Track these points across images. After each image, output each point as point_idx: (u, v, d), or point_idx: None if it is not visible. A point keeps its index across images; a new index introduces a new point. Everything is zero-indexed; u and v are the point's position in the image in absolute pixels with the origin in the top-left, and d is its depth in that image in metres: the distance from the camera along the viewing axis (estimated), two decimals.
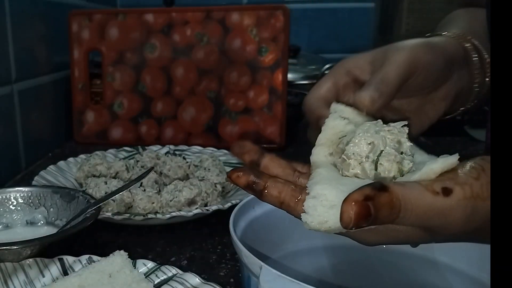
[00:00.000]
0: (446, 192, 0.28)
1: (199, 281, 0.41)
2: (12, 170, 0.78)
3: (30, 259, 0.45)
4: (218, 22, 0.95)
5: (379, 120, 0.34)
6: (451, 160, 0.29)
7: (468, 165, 0.29)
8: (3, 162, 0.75)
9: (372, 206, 0.26)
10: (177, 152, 0.81)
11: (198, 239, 0.58)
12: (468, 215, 0.28)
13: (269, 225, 0.47)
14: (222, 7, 0.97)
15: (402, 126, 0.33)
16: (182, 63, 0.96)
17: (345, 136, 0.35)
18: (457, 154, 0.29)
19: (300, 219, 0.31)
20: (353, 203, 0.26)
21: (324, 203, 0.30)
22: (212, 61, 0.95)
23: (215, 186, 0.65)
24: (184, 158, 0.77)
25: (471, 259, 0.45)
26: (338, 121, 0.36)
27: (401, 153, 0.32)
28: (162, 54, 0.96)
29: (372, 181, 0.29)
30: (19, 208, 0.55)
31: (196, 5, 1.04)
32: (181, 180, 0.66)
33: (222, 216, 0.56)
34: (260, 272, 0.34)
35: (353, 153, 0.32)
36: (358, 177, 0.32)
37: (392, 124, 0.33)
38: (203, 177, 0.68)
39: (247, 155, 0.36)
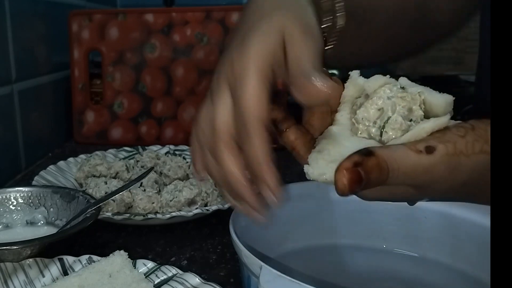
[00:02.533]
0: (429, 150, 0.29)
1: (199, 281, 0.41)
2: (12, 170, 0.78)
3: (30, 259, 0.45)
4: (218, 22, 0.95)
5: (398, 84, 0.33)
6: (441, 120, 0.30)
7: (458, 123, 0.31)
8: (3, 162, 0.75)
9: (362, 171, 0.28)
10: (177, 152, 0.81)
11: (198, 239, 0.58)
12: (451, 170, 0.29)
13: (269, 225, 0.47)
14: (222, 7, 0.97)
15: (417, 93, 0.32)
16: (182, 63, 0.96)
17: (360, 97, 0.35)
18: (448, 114, 0.31)
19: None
20: (344, 171, 0.28)
21: (326, 157, 0.32)
22: (212, 61, 0.95)
23: (215, 186, 0.65)
24: (184, 158, 0.77)
25: (471, 259, 0.45)
26: (360, 79, 0.35)
27: (410, 120, 0.32)
28: (162, 54, 0.96)
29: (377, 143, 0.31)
30: (19, 208, 0.55)
31: (196, 5, 1.04)
32: (181, 180, 0.66)
33: (222, 216, 0.56)
34: (260, 272, 0.34)
35: (362, 118, 0.33)
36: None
37: (409, 90, 0.32)
38: None
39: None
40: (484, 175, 0.30)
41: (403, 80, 0.34)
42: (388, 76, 0.34)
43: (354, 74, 0.35)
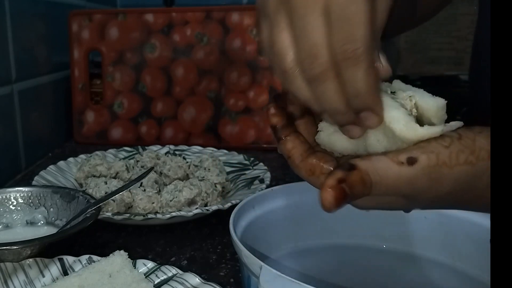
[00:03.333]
0: (411, 161, 0.29)
1: (199, 281, 0.41)
2: (12, 170, 0.78)
3: (30, 259, 0.45)
4: (218, 22, 0.95)
5: (388, 90, 0.33)
6: (433, 130, 0.30)
7: (445, 133, 0.30)
8: (3, 162, 0.75)
9: (346, 187, 0.29)
10: (177, 152, 0.82)
11: (198, 239, 0.58)
12: (433, 181, 0.29)
13: (269, 225, 0.47)
14: (222, 7, 0.97)
15: (408, 98, 0.32)
16: (182, 63, 0.96)
17: None
18: (442, 125, 0.30)
19: (300, 176, 0.35)
20: (329, 189, 0.28)
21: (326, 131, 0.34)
22: (212, 61, 0.95)
23: (215, 186, 0.65)
24: (184, 158, 0.77)
25: (471, 259, 0.45)
26: None
27: None
28: (162, 54, 0.96)
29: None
30: (19, 208, 0.55)
31: (196, 5, 1.04)
32: (181, 180, 0.66)
33: (222, 216, 0.56)
34: (260, 272, 0.34)
35: None
36: None
37: (400, 96, 0.32)
38: (203, 177, 0.68)
39: (292, 107, 0.36)
40: (471, 185, 0.30)
41: (396, 84, 0.33)
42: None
43: None
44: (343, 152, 0.34)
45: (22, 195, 0.56)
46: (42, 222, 0.55)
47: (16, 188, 0.56)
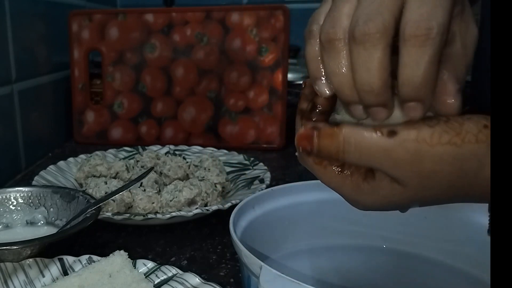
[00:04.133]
0: (390, 134, 0.30)
1: (199, 281, 0.41)
2: (12, 170, 0.79)
3: (30, 259, 0.45)
4: (218, 22, 0.95)
5: None
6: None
7: (434, 116, 0.31)
8: (3, 162, 0.75)
9: (316, 132, 0.31)
10: (177, 152, 0.82)
11: (198, 239, 0.58)
12: (411, 155, 0.29)
13: (269, 225, 0.47)
14: (222, 7, 0.97)
15: None
16: (182, 63, 0.96)
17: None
18: None
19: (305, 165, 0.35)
20: (301, 128, 0.32)
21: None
22: (212, 61, 0.95)
23: (215, 186, 0.65)
24: (184, 158, 0.77)
25: (471, 259, 0.45)
26: None
27: None
28: (162, 54, 0.96)
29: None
30: (19, 208, 0.55)
31: (196, 5, 1.04)
32: (181, 180, 0.66)
33: (222, 216, 0.56)
34: (260, 272, 0.34)
35: None
36: None
37: None
38: (203, 177, 0.68)
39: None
40: (459, 168, 0.30)
41: None
42: None
43: None
44: None
45: (22, 195, 0.56)
46: (42, 222, 0.55)
47: (16, 188, 0.56)
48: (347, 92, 0.31)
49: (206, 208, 0.59)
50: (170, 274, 0.43)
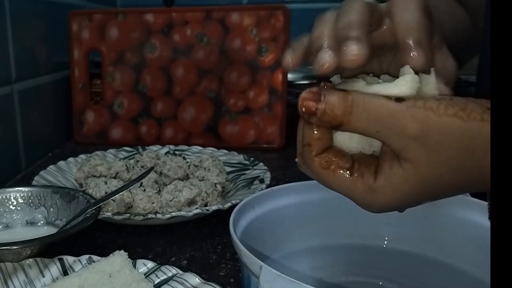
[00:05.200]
0: (398, 99, 0.30)
1: (199, 281, 0.41)
2: (12, 170, 0.78)
3: (30, 259, 0.45)
4: (218, 22, 0.95)
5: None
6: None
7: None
8: (3, 162, 0.75)
9: (324, 92, 0.31)
10: (177, 152, 0.82)
11: (198, 239, 0.58)
12: (419, 122, 0.30)
13: (269, 225, 0.47)
14: (222, 7, 0.97)
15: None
16: (182, 63, 0.96)
17: None
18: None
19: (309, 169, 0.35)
20: (307, 91, 0.31)
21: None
22: (212, 61, 0.95)
23: (215, 186, 0.65)
24: (184, 158, 0.77)
25: (471, 259, 0.45)
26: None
27: None
28: (162, 54, 0.96)
29: None
30: (19, 208, 0.55)
31: (196, 5, 1.04)
32: (181, 180, 0.66)
33: (222, 216, 0.56)
34: (260, 272, 0.34)
35: None
36: None
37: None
38: (203, 177, 0.68)
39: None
40: (465, 144, 0.30)
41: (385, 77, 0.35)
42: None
43: (336, 79, 0.36)
44: (349, 151, 0.34)
45: (22, 195, 0.56)
46: (42, 222, 0.55)
47: (16, 188, 0.56)
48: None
49: (206, 208, 0.59)
50: (170, 274, 0.43)
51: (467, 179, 0.32)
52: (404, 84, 0.32)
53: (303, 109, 0.32)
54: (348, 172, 0.33)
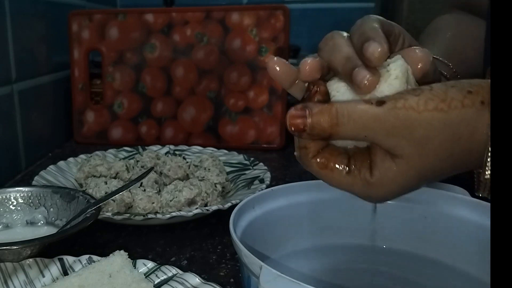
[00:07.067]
0: (379, 103, 0.32)
1: (199, 281, 0.41)
2: (12, 170, 0.78)
3: (30, 259, 0.45)
4: (218, 22, 0.95)
5: None
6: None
7: (419, 87, 0.33)
8: (3, 162, 0.75)
9: (308, 110, 0.32)
10: (177, 152, 0.82)
11: (198, 239, 0.58)
12: (402, 122, 0.31)
13: (269, 225, 0.47)
14: (222, 7, 0.97)
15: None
16: (182, 63, 0.96)
17: None
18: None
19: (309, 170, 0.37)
20: (293, 108, 0.33)
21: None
22: (212, 61, 0.95)
23: (215, 186, 0.65)
24: (184, 158, 0.77)
25: (471, 259, 0.45)
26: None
27: None
28: (162, 54, 0.96)
29: None
30: (19, 208, 0.55)
31: (196, 5, 1.04)
32: (181, 180, 0.66)
33: (222, 216, 0.56)
34: (260, 272, 0.34)
35: None
36: None
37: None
38: (203, 177, 0.68)
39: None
40: (450, 133, 0.31)
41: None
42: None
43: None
44: (345, 146, 0.35)
45: (22, 195, 0.56)
46: (42, 222, 0.55)
47: (16, 188, 0.56)
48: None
49: (206, 208, 0.59)
50: (170, 274, 0.43)
51: (456, 162, 0.33)
52: (396, 68, 0.34)
53: (292, 128, 0.33)
54: (345, 169, 0.34)
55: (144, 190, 0.62)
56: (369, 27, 0.35)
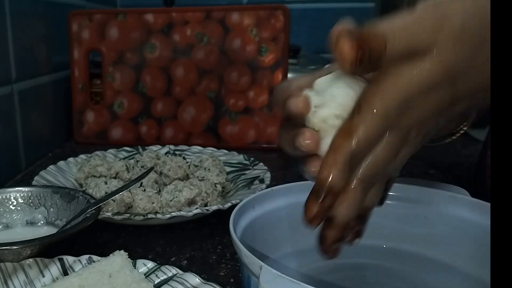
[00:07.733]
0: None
1: (199, 281, 0.41)
2: (12, 170, 0.78)
3: (30, 259, 0.45)
4: (218, 22, 0.95)
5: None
6: None
7: None
8: (3, 162, 0.75)
9: (361, 38, 0.31)
10: (177, 152, 0.82)
11: (198, 239, 0.58)
12: (437, 17, 0.32)
13: (269, 225, 0.47)
14: (222, 7, 0.97)
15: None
16: (182, 63, 0.96)
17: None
18: None
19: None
20: (343, 38, 0.31)
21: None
22: (212, 61, 0.95)
23: (215, 186, 0.65)
24: (184, 158, 0.77)
25: (471, 259, 0.45)
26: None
27: None
28: (162, 54, 0.96)
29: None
30: (19, 208, 0.55)
31: (196, 5, 1.04)
32: (181, 180, 0.66)
33: (222, 216, 0.56)
34: (260, 272, 0.34)
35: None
36: None
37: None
38: (203, 177, 0.68)
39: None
40: (476, 21, 0.31)
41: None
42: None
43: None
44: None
45: (22, 195, 0.56)
46: (42, 222, 0.55)
47: (16, 188, 0.56)
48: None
49: (206, 208, 0.59)
50: (170, 274, 0.43)
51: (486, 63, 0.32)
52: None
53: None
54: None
55: (144, 190, 0.62)
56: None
